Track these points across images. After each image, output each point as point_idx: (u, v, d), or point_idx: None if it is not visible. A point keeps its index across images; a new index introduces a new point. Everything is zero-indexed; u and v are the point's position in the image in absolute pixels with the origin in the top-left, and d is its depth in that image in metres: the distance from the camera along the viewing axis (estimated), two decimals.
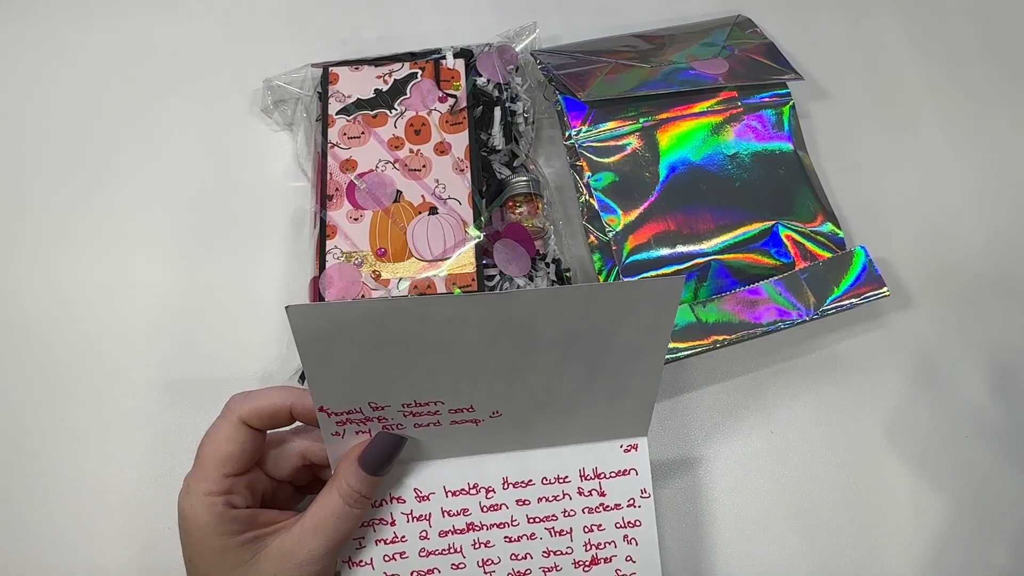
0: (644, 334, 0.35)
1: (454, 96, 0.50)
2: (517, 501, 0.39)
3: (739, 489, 0.46)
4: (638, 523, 0.39)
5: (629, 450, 0.39)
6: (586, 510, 0.39)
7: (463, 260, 0.46)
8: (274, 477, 0.38)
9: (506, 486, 0.39)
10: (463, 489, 0.38)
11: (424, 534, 0.38)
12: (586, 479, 0.39)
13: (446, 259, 0.46)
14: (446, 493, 0.38)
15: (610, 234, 0.48)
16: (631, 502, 0.39)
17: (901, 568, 0.45)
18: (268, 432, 0.37)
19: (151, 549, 0.44)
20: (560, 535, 0.39)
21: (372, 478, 0.35)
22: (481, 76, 0.50)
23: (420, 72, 0.51)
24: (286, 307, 0.31)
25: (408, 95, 0.50)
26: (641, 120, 0.50)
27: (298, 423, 0.37)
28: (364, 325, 0.32)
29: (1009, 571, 0.45)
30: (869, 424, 0.48)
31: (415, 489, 0.38)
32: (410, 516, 0.38)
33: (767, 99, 0.52)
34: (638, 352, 0.35)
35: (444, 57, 0.51)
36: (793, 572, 0.45)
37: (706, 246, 0.48)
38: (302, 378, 0.45)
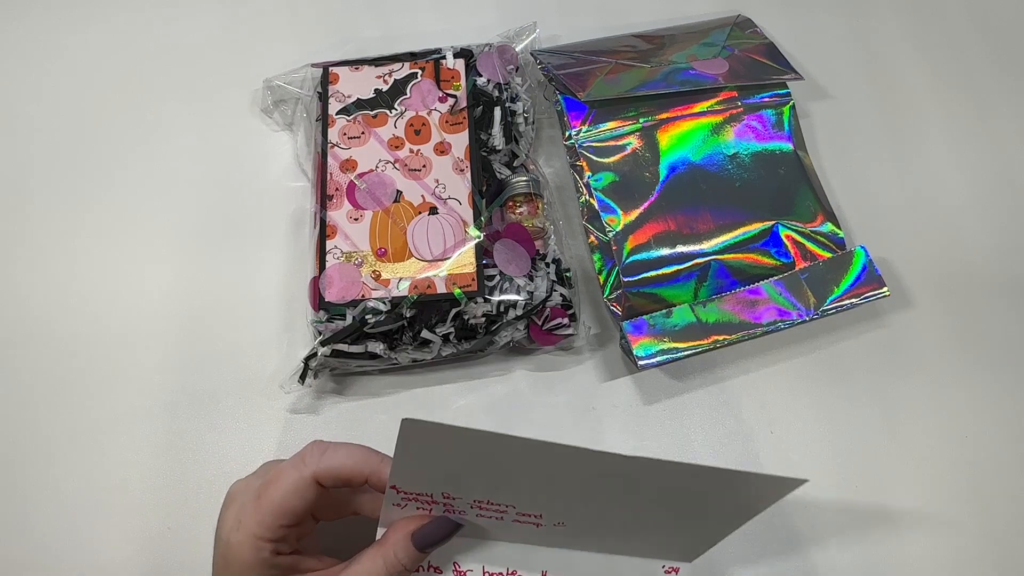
0: (740, 509, 0.35)
1: (454, 96, 0.50)
2: None
3: None
4: None
5: (670, 572, 0.39)
6: None
7: (463, 260, 0.46)
8: (317, 519, 0.38)
9: None
10: (501, 573, 0.38)
11: None
12: None
13: (446, 259, 0.46)
14: (484, 573, 0.38)
15: (610, 234, 0.48)
16: None
17: (901, 567, 0.45)
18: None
19: (151, 549, 0.44)
20: None
21: (420, 554, 0.35)
22: (481, 76, 0.50)
23: (420, 72, 0.51)
24: (403, 420, 0.29)
25: (408, 95, 0.50)
26: (641, 120, 0.50)
27: None
28: (467, 448, 0.32)
29: (1008, 570, 0.45)
30: (869, 424, 0.48)
31: (455, 563, 0.38)
32: None
33: (767, 99, 0.52)
34: (725, 516, 0.35)
35: (444, 57, 0.51)
36: (793, 572, 0.45)
37: (706, 246, 0.48)
38: (302, 378, 0.45)
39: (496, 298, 0.45)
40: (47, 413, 0.47)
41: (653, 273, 0.47)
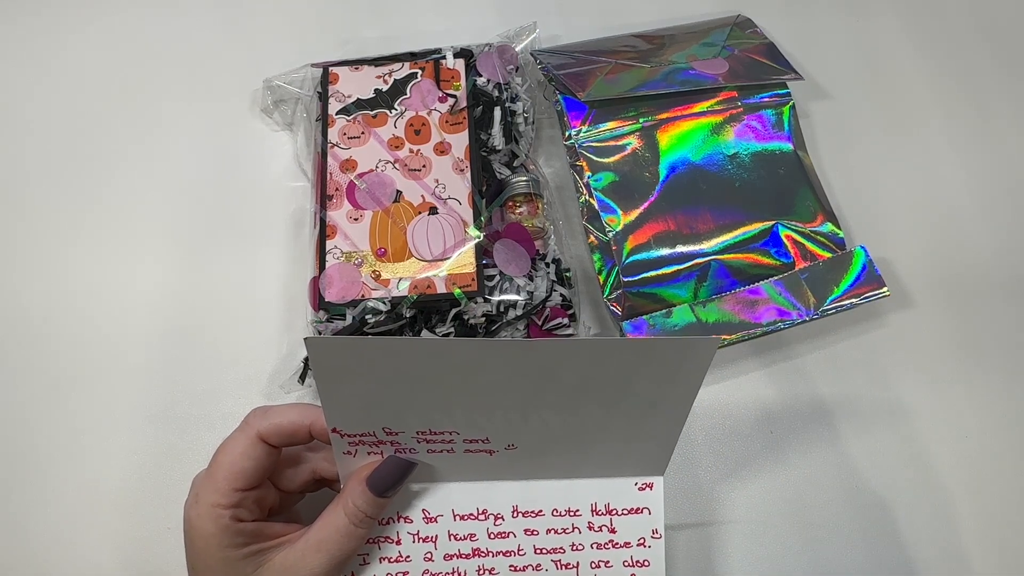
0: (671, 387, 0.34)
1: (454, 96, 0.50)
2: (525, 531, 0.38)
3: (738, 490, 0.46)
4: (647, 563, 0.38)
5: (644, 488, 0.39)
6: (595, 545, 0.38)
7: (463, 260, 0.46)
8: (284, 490, 0.38)
9: (515, 514, 0.38)
10: (471, 514, 0.38)
11: (429, 556, 0.38)
12: (597, 514, 0.38)
13: (446, 259, 0.46)
14: (454, 517, 0.38)
15: (610, 234, 0.48)
16: (641, 541, 0.39)
17: (900, 568, 0.45)
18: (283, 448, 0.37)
19: (150, 549, 0.44)
20: (566, 568, 0.38)
21: (379, 500, 0.35)
22: (481, 76, 0.50)
23: (420, 72, 0.51)
24: (305, 339, 0.30)
25: (408, 95, 0.50)
26: (641, 120, 0.50)
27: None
28: (381, 360, 0.32)
29: (1007, 568, 0.45)
30: (869, 424, 0.48)
31: (423, 510, 0.38)
32: (416, 537, 0.38)
33: (767, 99, 0.52)
34: (662, 403, 0.35)
35: (444, 57, 0.51)
36: (792, 572, 0.45)
37: (706, 246, 0.48)
38: (302, 378, 0.45)
39: (496, 298, 0.45)
40: (47, 414, 0.47)
41: (653, 273, 0.47)
